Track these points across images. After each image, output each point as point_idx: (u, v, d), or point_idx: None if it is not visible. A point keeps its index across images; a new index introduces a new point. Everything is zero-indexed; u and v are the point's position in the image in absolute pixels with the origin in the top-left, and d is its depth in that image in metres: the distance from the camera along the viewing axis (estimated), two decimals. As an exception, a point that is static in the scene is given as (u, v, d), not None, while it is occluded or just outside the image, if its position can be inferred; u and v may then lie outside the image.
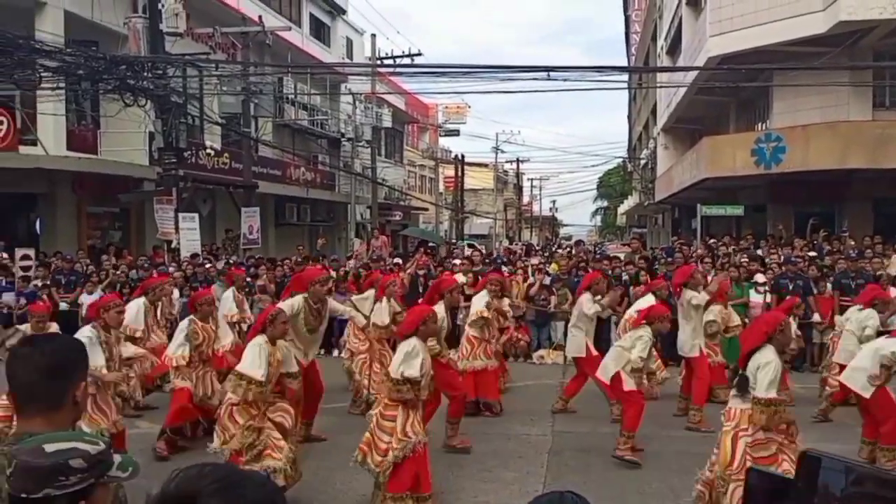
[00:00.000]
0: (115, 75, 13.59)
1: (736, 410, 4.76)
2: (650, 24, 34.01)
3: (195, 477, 1.11)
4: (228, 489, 1.09)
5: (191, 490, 1.08)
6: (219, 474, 1.13)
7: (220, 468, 1.16)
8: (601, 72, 14.05)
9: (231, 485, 1.10)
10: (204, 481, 1.10)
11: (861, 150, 15.79)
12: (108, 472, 1.61)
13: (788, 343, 4.73)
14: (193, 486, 1.09)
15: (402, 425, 5.02)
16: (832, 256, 12.24)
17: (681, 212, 28.21)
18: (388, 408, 5.10)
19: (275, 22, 21.45)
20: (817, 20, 15.94)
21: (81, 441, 1.60)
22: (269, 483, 1.20)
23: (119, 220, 17.95)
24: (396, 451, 4.97)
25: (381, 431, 5.07)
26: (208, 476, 1.11)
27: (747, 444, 4.63)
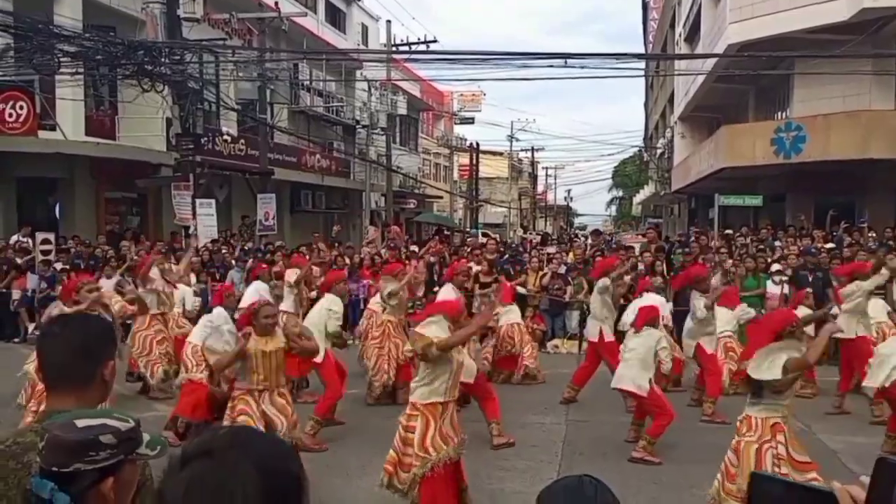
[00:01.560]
0: (133, 61, 13.64)
1: (758, 420, 4.52)
2: (668, 11, 33.61)
3: (212, 435, 1.19)
4: (244, 443, 1.16)
5: (208, 446, 1.15)
6: (234, 431, 1.25)
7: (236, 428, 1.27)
8: (619, 59, 13.93)
9: (246, 439, 1.18)
10: (221, 438, 1.18)
11: (883, 140, 15.55)
12: (136, 450, 1.64)
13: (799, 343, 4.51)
14: (211, 443, 1.16)
15: (422, 439, 4.64)
16: (851, 248, 12.09)
17: (697, 202, 27.98)
18: (410, 419, 4.73)
19: (291, 8, 21.42)
20: (840, 7, 15.67)
21: (112, 418, 1.63)
22: (281, 440, 1.27)
23: (137, 206, 18.07)
24: (417, 469, 4.61)
25: (406, 445, 4.70)
26: (223, 434, 1.21)
27: (774, 456, 4.44)
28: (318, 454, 6.42)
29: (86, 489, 1.52)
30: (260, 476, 1.11)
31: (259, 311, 5.50)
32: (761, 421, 4.51)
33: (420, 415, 4.68)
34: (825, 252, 11.65)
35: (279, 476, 1.14)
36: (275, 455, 1.17)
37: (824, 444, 6.62)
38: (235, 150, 19.24)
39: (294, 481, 1.17)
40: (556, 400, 8.31)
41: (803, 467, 4.50)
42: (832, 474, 5.12)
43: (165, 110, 15.33)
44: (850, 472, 6.04)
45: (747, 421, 4.60)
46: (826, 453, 6.32)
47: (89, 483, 1.52)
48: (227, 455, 1.13)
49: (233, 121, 20.05)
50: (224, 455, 1.13)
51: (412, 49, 24.69)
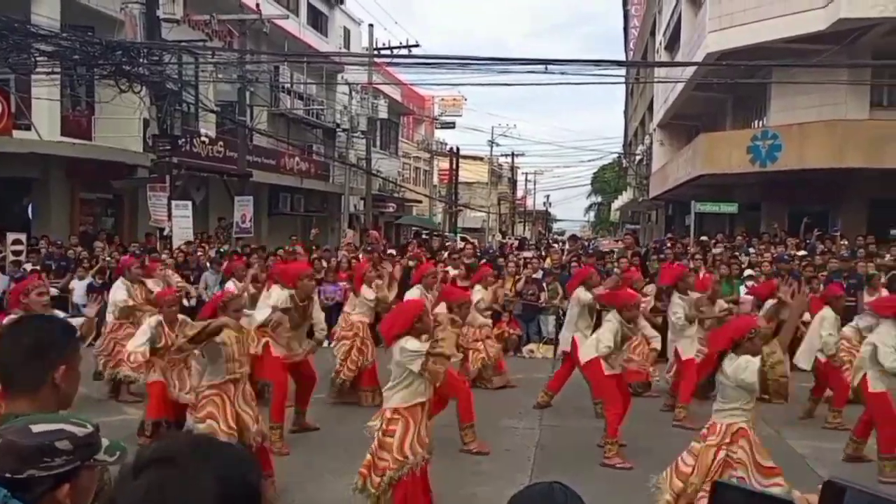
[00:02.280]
0: (111, 61, 13.51)
1: (722, 426, 4.56)
2: (649, 18, 33.95)
3: (171, 443, 1.17)
4: (204, 452, 1.14)
5: (168, 454, 1.12)
6: (195, 439, 1.22)
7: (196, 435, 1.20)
8: (599, 66, 14.02)
9: (207, 448, 1.15)
10: (179, 446, 1.15)
11: (858, 150, 15.81)
12: (94, 456, 1.61)
13: (757, 352, 4.53)
14: (170, 450, 1.13)
15: (401, 442, 4.59)
16: (824, 256, 12.27)
17: (675, 209, 28.24)
18: (391, 423, 4.64)
19: (272, 10, 21.34)
20: (817, 17, 15.93)
21: (69, 423, 1.60)
22: (242, 450, 1.24)
23: (112, 207, 17.87)
24: (392, 472, 4.55)
25: (382, 449, 4.62)
26: (184, 441, 1.18)
27: (727, 457, 4.49)
28: (290, 458, 6.39)
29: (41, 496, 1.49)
30: (218, 486, 1.10)
31: (229, 304, 5.46)
32: (725, 427, 4.55)
33: (402, 418, 4.63)
34: (798, 259, 11.82)
35: (238, 486, 1.13)
36: (235, 465, 1.15)
37: (793, 449, 6.69)
38: (213, 152, 19.11)
39: (253, 492, 1.16)
40: (531, 404, 8.33)
41: (768, 472, 4.54)
42: (799, 479, 5.19)
43: (143, 111, 15.19)
44: (817, 477, 6.11)
45: (712, 427, 4.64)
46: (794, 458, 6.40)
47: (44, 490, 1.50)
48: (186, 463, 1.10)
49: (211, 122, 19.91)
50: (183, 463, 1.10)
51: (394, 53, 24.68)
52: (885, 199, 16.83)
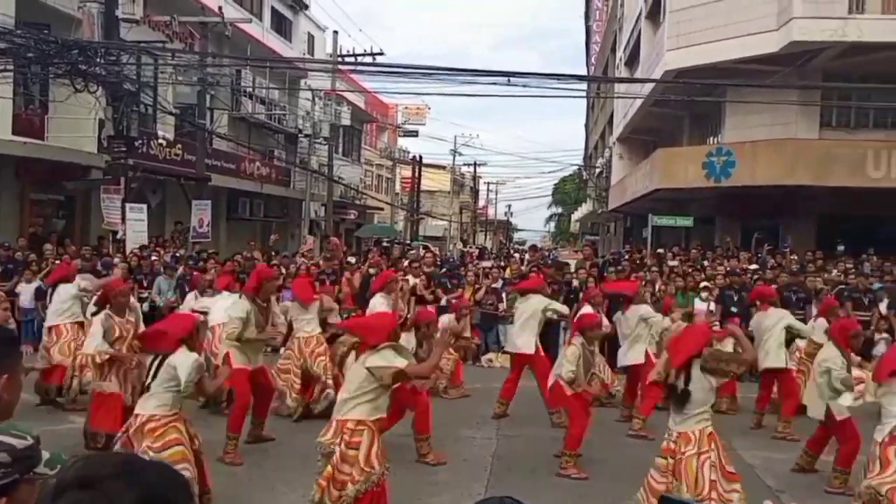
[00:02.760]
0: (67, 60, 13.21)
1: (695, 432, 4.58)
2: (610, 35, 34.54)
3: (95, 463, 1.09)
4: (129, 473, 1.07)
5: (89, 476, 1.06)
6: (119, 459, 1.13)
7: (121, 455, 1.14)
8: (560, 80, 14.23)
9: (132, 469, 1.09)
10: (103, 466, 1.08)
11: (806, 168, 16.30)
12: (34, 469, 1.56)
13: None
14: (92, 472, 1.06)
15: (367, 454, 4.45)
16: (774, 270, 12.60)
17: (633, 221, 28.70)
18: (354, 434, 4.49)
19: (235, 13, 21.12)
20: (771, 39, 16.41)
21: (8, 435, 1.55)
22: (171, 470, 1.18)
23: (64, 209, 17.41)
24: (359, 483, 4.40)
25: (344, 463, 4.46)
26: (108, 461, 1.10)
27: (710, 465, 4.53)
28: (243, 469, 6.29)
29: None
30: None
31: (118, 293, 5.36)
32: (699, 432, 4.61)
33: (367, 429, 4.50)
34: (748, 273, 12.11)
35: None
36: (159, 486, 1.08)
37: (743, 459, 6.84)
38: (171, 155, 18.79)
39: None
40: (488, 414, 8.35)
41: (731, 477, 4.64)
42: (749, 489, 5.31)
43: (98, 111, 14.88)
44: (765, 487, 6.26)
45: (684, 437, 4.64)
46: (743, 468, 6.53)
47: None
48: (108, 485, 1.04)
49: (170, 125, 19.58)
50: (105, 485, 1.04)
51: (358, 60, 24.64)
52: (832, 215, 17.38)
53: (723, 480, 4.58)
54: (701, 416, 4.66)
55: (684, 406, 4.65)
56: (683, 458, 4.56)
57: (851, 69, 16.65)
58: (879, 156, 16.02)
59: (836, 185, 15.98)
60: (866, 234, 15.71)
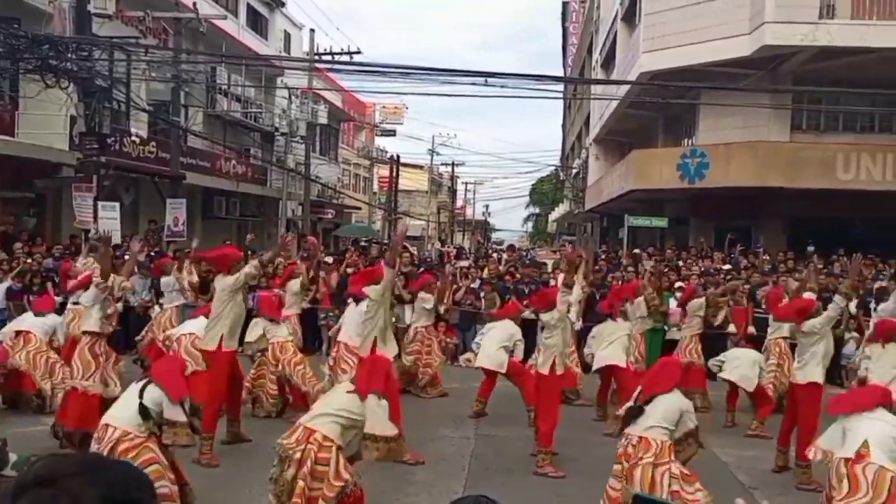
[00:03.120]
0: (37, 55, 12.98)
1: (657, 441, 4.62)
2: (587, 37, 34.77)
3: (56, 462, 1.08)
4: (90, 471, 1.06)
5: (50, 474, 1.05)
6: (80, 458, 1.12)
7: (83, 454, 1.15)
8: (538, 80, 14.31)
9: (93, 467, 1.08)
10: (64, 465, 1.07)
11: (778, 170, 16.57)
12: (1, 471, 1.54)
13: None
14: (53, 471, 1.06)
15: (336, 469, 4.43)
16: (747, 271, 12.79)
17: (609, 221, 28.94)
18: (322, 450, 4.44)
19: (210, 10, 20.90)
20: (743, 43, 16.64)
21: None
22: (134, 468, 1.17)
23: (34, 207, 17.11)
24: (330, 500, 4.37)
25: (315, 479, 4.40)
26: (70, 460, 1.09)
27: (671, 476, 4.55)
28: (219, 470, 6.25)
29: None
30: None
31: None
32: (661, 443, 4.63)
33: (334, 446, 4.47)
34: (722, 273, 12.28)
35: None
36: (122, 485, 1.07)
37: (716, 456, 6.94)
38: (145, 153, 18.55)
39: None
40: (466, 413, 8.38)
41: (690, 479, 4.70)
42: (722, 486, 5.39)
43: (70, 108, 14.64)
44: (739, 484, 6.36)
45: (645, 442, 4.65)
46: (717, 465, 6.63)
47: None
48: (70, 483, 1.03)
49: (143, 122, 19.33)
50: (66, 484, 1.03)
51: (335, 59, 24.53)
52: (802, 217, 17.68)
53: (685, 485, 4.60)
54: (666, 429, 4.69)
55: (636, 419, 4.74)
56: (640, 464, 4.55)
57: (822, 73, 16.95)
58: (848, 158, 16.34)
59: (806, 187, 16.27)
60: (836, 236, 16.01)
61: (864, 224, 17.26)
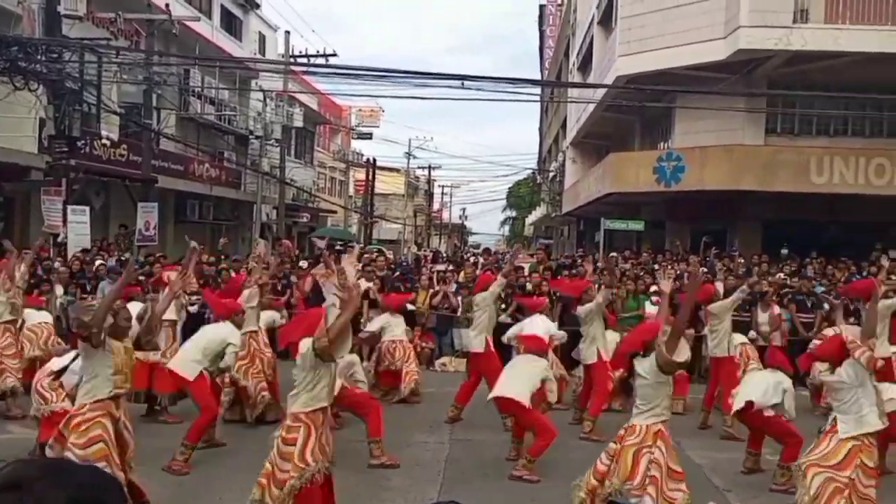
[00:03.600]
0: (6, 56, 12.72)
1: (642, 427, 4.67)
2: (563, 40, 34.93)
3: (23, 466, 1.09)
4: (57, 474, 1.06)
5: (16, 477, 1.05)
6: (47, 461, 1.15)
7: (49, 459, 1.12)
8: (514, 84, 14.26)
9: (60, 470, 1.08)
10: (32, 468, 1.07)
11: (752, 173, 16.70)
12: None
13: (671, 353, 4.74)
14: (19, 474, 1.05)
15: (302, 450, 4.45)
16: (723, 274, 12.82)
17: (586, 224, 29.04)
18: (291, 430, 4.52)
19: (183, 11, 20.67)
20: (718, 47, 16.78)
21: None
22: (102, 471, 1.17)
23: (2, 211, 16.76)
24: (294, 480, 4.39)
25: (283, 460, 4.49)
26: (37, 464, 1.11)
27: (650, 461, 4.57)
28: (188, 477, 6.11)
29: None
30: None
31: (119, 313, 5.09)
32: (646, 427, 4.67)
33: (302, 425, 4.50)
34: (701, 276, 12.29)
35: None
36: (89, 488, 1.07)
37: (690, 458, 6.91)
38: (116, 156, 18.24)
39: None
40: (441, 418, 8.29)
41: (676, 476, 4.68)
42: (696, 488, 5.35)
43: (39, 110, 14.35)
44: (712, 486, 6.34)
45: (632, 428, 4.75)
46: (691, 467, 6.60)
47: None
48: (38, 486, 1.03)
49: (114, 125, 19.02)
50: (33, 488, 1.03)
51: (310, 62, 24.35)
52: (776, 220, 17.84)
53: (667, 479, 4.61)
54: (651, 412, 4.72)
55: (627, 395, 4.79)
56: (624, 447, 4.67)
57: (796, 77, 17.14)
58: (822, 162, 16.52)
59: (780, 191, 16.41)
60: (810, 239, 16.17)
61: (838, 227, 17.46)
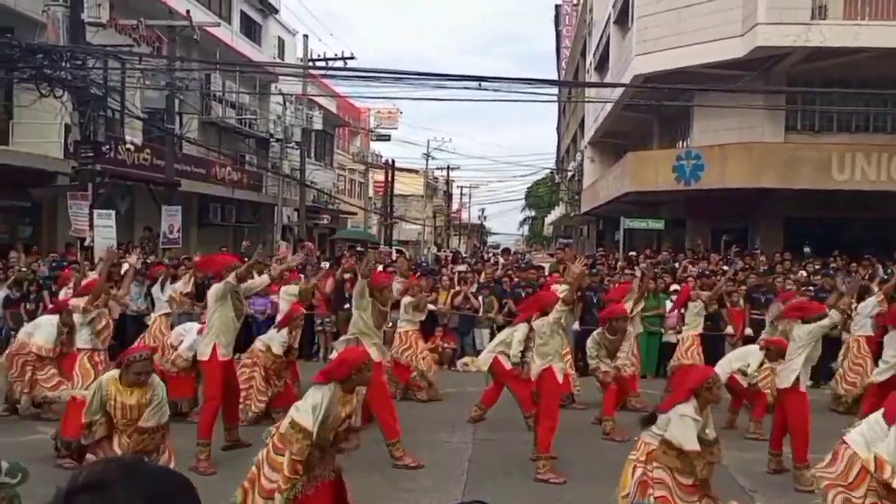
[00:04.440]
0: (31, 64, 12.98)
1: (641, 442, 4.68)
2: (580, 40, 34.85)
3: (102, 468, 1.15)
4: (136, 476, 1.13)
5: (99, 479, 1.11)
6: (125, 463, 1.19)
7: (126, 459, 1.24)
8: (531, 84, 14.30)
9: (138, 472, 1.15)
10: (112, 470, 1.14)
11: (773, 171, 16.61)
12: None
13: (717, 401, 4.65)
14: (101, 476, 1.12)
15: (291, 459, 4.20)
16: (744, 272, 12.80)
17: (605, 224, 28.98)
18: (283, 438, 4.26)
19: (203, 17, 20.93)
20: (736, 45, 16.70)
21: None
22: (177, 474, 1.24)
23: (30, 215, 17.09)
24: (284, 492, 4.11)
25: (269, 467, 4.22)
26: (116, 466, 1.16)
27: (639, 478, 4.54)
28: (215, 478, 6.21)
29: None
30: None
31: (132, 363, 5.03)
32: (644, 445, 4.67)
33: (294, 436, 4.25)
34: (719, 274, 12.28)
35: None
36: (166, 488, 1.14)
37: (716, 459, 6.92)
38: (140, 160, 18.53)
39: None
40: (464, 418, 8.34)
41: (686, 489, 4.61)
42: (722, 488, 5.37)
43: (64, 116, 14.62)
44: (738, 486, 6.35)
45: (636, 443, 4.78)
46: (717, 468, 6.62)
47: None
48: (116, 489, 1.10)
49: (138, 129, 19.33)
50: (113, 488, 1.10)
51: (329, 65, 24.53)
52: (798, 217, 17.72)
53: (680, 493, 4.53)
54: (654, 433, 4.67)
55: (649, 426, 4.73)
56: (628, 460, 4.72)
57: (815, 74, 17.01)
58: (844, 159, 16.38)
59: (802, 188, 16.30)
60: (833, 236, 16.04)
61: (861, 224, 17.31)
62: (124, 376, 5.05)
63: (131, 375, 5.02)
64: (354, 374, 4.41)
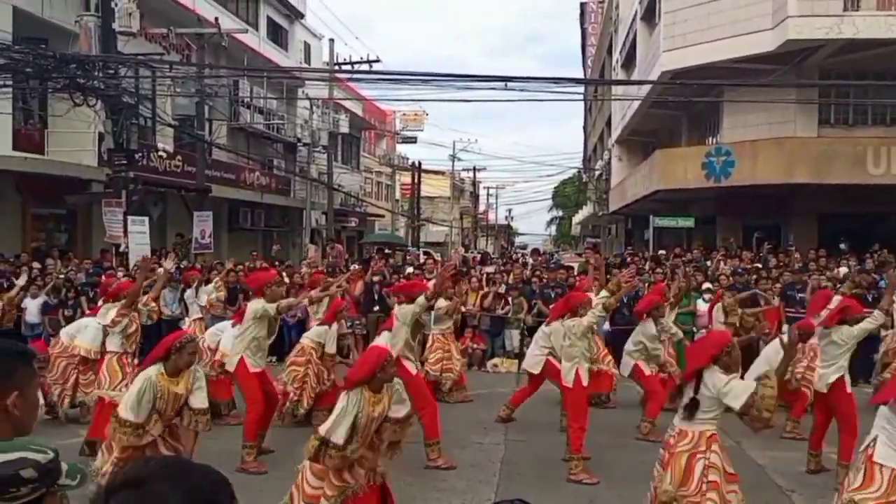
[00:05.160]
0: (65, 74, 13.24)
1: (695, 432, 4.51)
2: (606, 37, 34.60)
3: (142, 465, 1.18)
4: (176, 475, 1.14)
5: (138, 476, 1.13)
6: (165, 462, 1.22)
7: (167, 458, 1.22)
8: (557, 83, 14.23)
9: (178, 470, 1.17)
10: (151, 468, 1.16)
11: (806, 166, 16.32)
12: (57, 481, 1.58)
13: (736, 366, 4.56)
14: (141, 473, 1.14)
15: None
16: (778, 269, 12.59)
17: (634, 222, 28.71)
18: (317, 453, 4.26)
19: (231, 24, 21.18)
20: (766, 38, 16.45)
21: (29, 450, 1.57)
22: (215, 472, 1.25)
23: (65, 222, 17.45)
24: (331, 499, 4.14)
25: (312, 474, 4.24)
26: (155, 464, 1.19)
27: (706, 465, 4.43)
28: (256, 479, 6.27)
29: None
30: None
31: (185, 346, 5.02)
32: (698, 434, 4.52)
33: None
34: (753, 272, 12.11)
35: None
36: (204, 486, 1.16)
37: (752, 459, 6.82)
38: (171, 167, 18.83)
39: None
40: (495, 419, 8.33)
41: (731, 479, 4.60)
42: (760, 488, 5.31)
43: (98, 125, 14.91)
44: (776, 486, 6.25)
45: (682, 434, 4.57)
46: (754, 468, 6.52)
47: None
48: (155, 486, 1.11)
49: (169, 136, 19.64)
50: (153, 486, 1.11)
51: (355, 69, 24.70)
52: (832, 213, 17.39)
53: (725, 483, 4.48)
54: (705, 420, 4.56)
55: (694, 414, 4.59)
56: (675, 453, 4.51)
57: (848, 66, 16.69)
58: (879, 152, 16.04)
59: (836, 183, 16.00)
60: (867, 232, 15.71)
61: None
62: (172, 364, 5.01)
63: (185, 357, 5.03)
64: (380, 372, 4.38)
